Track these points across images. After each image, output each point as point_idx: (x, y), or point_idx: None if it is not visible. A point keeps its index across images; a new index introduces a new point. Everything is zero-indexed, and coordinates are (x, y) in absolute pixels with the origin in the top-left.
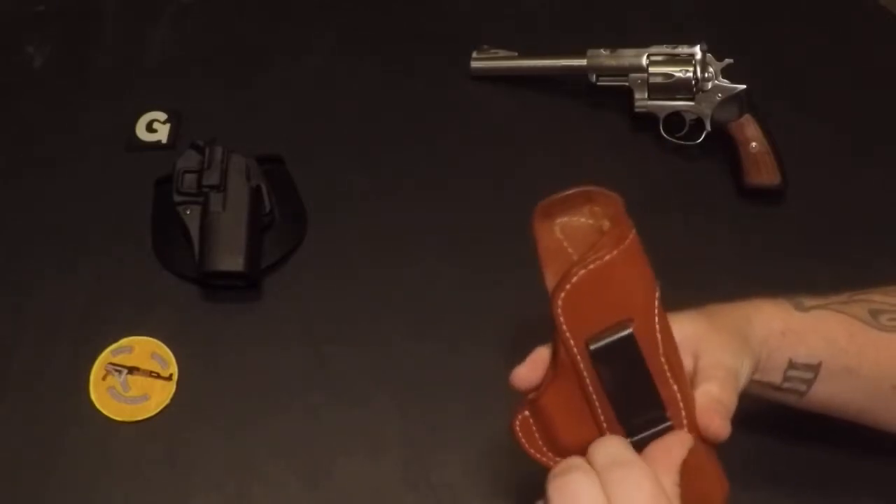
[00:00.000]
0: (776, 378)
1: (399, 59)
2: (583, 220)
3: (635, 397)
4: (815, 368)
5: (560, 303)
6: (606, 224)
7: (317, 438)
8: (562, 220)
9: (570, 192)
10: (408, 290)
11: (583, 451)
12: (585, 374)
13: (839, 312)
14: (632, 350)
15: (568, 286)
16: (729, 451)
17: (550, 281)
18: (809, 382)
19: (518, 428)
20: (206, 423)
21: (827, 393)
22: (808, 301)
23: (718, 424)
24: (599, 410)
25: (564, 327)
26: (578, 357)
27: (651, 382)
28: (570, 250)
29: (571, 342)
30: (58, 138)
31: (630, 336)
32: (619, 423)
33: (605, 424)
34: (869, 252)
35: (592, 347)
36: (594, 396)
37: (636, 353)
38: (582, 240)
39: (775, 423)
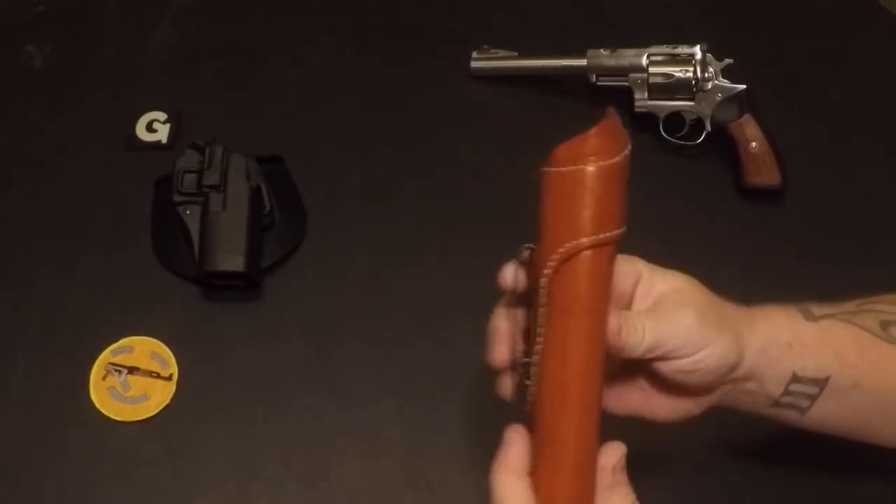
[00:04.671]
0: (775, 391)
1: (399, 59)
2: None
3: None
4: (821, 383)
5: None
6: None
7: (316, 438)
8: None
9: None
10: (408, 290)
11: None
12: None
13: (850, 324)
14: None
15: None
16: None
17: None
18: (813, 398)
19: None
20: (206, 423)
21: (830, 410)
22: (818, 310)
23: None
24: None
25: None
26: None
27: None
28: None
29: None
30: (58, 138)
31: None
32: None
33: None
34: (869, 252)
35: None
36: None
37: None
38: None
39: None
